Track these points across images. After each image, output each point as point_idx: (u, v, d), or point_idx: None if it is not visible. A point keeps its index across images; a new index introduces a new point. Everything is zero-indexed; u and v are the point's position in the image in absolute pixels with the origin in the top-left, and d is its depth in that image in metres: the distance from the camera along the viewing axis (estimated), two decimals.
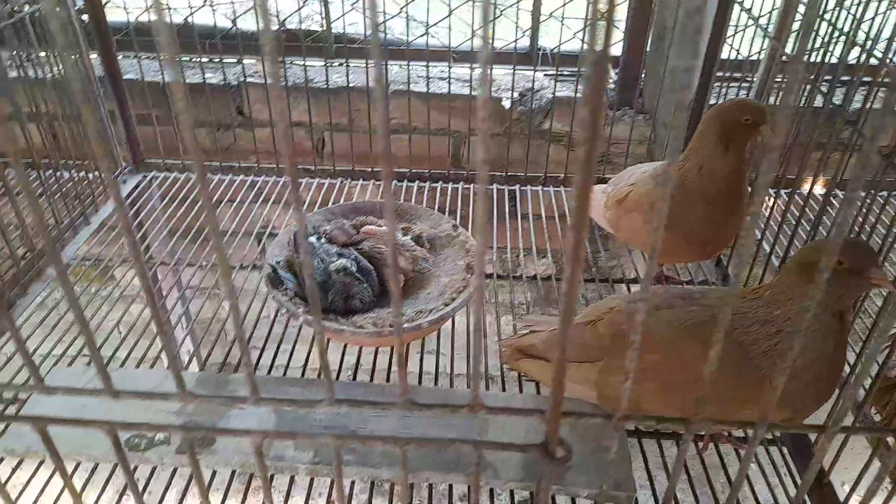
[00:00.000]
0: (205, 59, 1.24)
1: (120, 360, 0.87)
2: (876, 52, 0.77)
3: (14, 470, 0.68)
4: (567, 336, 0.30)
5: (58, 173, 1.01)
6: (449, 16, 1.08)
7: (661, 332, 0.67)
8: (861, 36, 0.77)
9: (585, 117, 0.22)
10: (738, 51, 1.09)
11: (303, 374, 0.85)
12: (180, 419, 0.69)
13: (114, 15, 1.13)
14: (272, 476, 0.71)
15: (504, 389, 0.88)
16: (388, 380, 0.88)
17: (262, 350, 0.91)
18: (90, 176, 1.09)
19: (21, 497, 0.64)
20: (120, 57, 1.14)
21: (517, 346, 0.78)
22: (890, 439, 0.68)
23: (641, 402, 0.67)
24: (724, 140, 0.78)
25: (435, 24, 1.12)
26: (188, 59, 1.24)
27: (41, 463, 0.70)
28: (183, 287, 1.11)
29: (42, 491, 0.70)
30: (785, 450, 0.75)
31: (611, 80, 1.24)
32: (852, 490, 0.62)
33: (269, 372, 0.90)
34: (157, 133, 1.19)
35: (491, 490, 0.72)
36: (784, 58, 0.87)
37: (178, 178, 1.21)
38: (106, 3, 1.07)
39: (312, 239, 0.90)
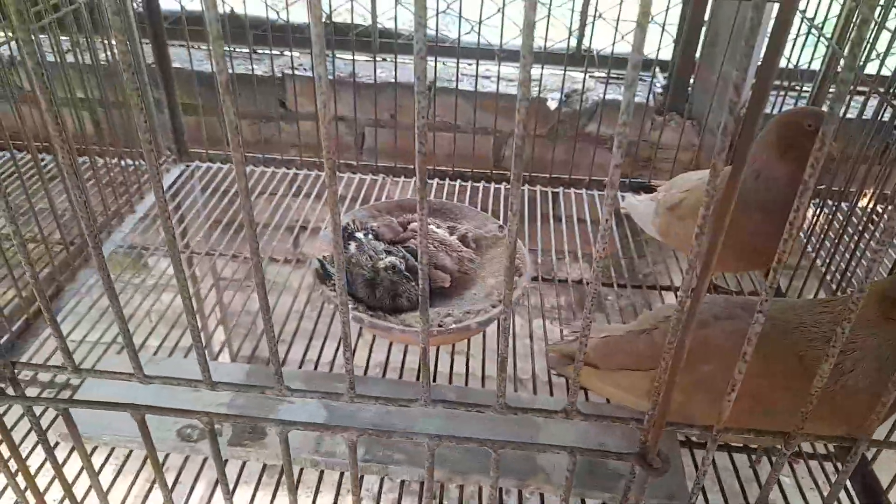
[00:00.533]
0: (247, 50, 1.24)
1: (167, 350, 0.87)
2: None
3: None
4: (683, 350, 0.29)
5: (107, 160, 1.01)
6: (501, 11, 1.07)
7: (720, 343, 0.66)
8: None
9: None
10: (788, 59, 1.07)
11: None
12: (233, 410, 0.70)
13: (167, 3, 1.14)
14: (301, 470, 0.70)
15: (535, 392, 0.87)
16: (417, 378, 0.87)
17: (291, 344, 0.90)
18: (137, 164, 1.09)
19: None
20: (170, 46, 1.14)
21: (565, 352, 0.77)
22: None
23: (696, 413, 0.66)
24: (783, 147, 0.76)
25: (482, 21, 1.11)
26: (229, 49, 1.24)
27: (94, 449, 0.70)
28: (218, 277, 1.12)
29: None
30: (839, 465, 0.73)
31: (658, 85, 1.23)
32: None
33: (301, 366, 0.89)
34: (201, 123, 1.19)
35: (520, 492, 0.70)
36: (842, 64, 0.86)
37: (222, 168, 1.21)
38: None
39: (360, 235, 0.90)
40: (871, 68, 0.86)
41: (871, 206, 0.89)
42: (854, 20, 0.88)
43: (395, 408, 0.63)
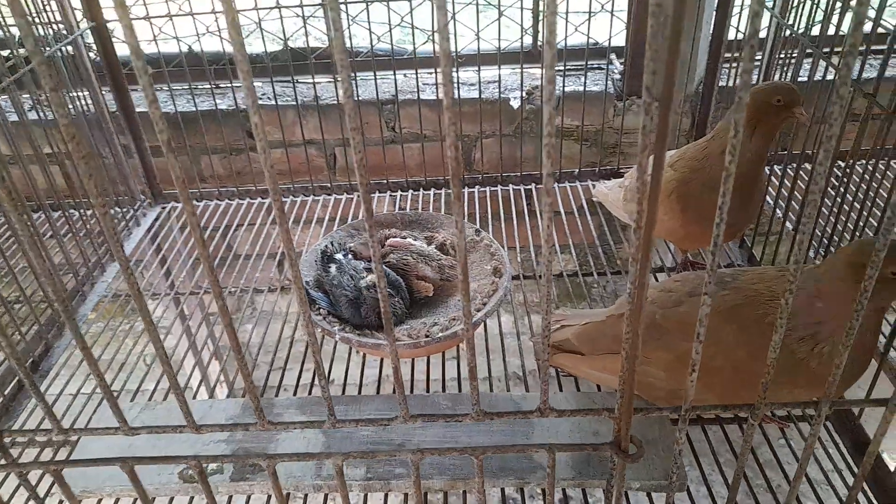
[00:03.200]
0: (209, 85, 1.25)
1: (163, 392, 0.88)
2: (884, 22, 0.77)
3: None
4: (637, 332, 0.30)
5: (81, 212, 1.02)
6: (452, 19, 1.09)
7: (695, 319, 0.67)
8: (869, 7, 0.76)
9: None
10: (737, 30, 1.09)
11: (343, 391, 0.86)
12: (230, 448, 0.70)
13: (123, 49, 1.15)
14: (305, 496, 0.71)
15: (527, 389, 0.89)
16: (412, 390, 0.88)
17: (284, 370, 0.91)
18: (112, 212, 1.10)
19: None
20: (132, 91, 1.15)
21: (550, 342, 0.79)
22: None
23: (678, 389, 0.68)
24: (752, 122, 0.77)
25: (437, 31, 1.13)
26: (186, 87, 1.25)
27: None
28: (207, 314, 1.13)
29: None
30: (829, 424, 0.75)
31: (616, 71, 1.24)
32: None
33: (295, 392, 0.90)
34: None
35: (521, 490, 0.72)
36: (788, 33, 0.87)
37: (198, 205, 1.22)
38: (114, 37, 1.08)
39: (339, 256, 0.91)
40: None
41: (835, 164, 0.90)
42: None
43: (430, 422, 0.64)
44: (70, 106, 1.01)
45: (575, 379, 0.83)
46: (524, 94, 1.22)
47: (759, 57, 1.10)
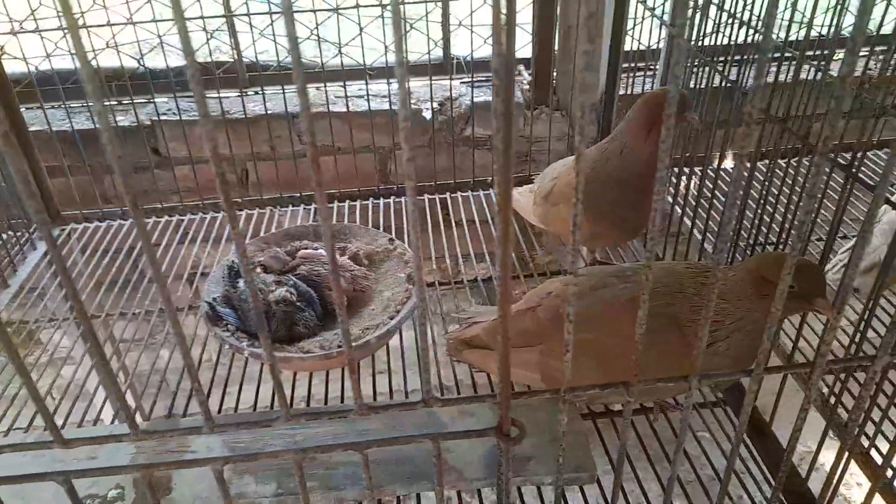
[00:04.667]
0: (114, 102, 1.20)
1: (73, 424, 0.83)
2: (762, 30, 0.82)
3: None
4: (507, 319, 0.31)
5: None
6: (360, 34, 1.09)
7: (597, 311, 0.69)
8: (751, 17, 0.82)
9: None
10: (640, 41, 1.14)
11: (254, 408, 0.83)
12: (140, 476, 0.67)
13: (12, 66, 1.09)
14: None
15: (475, 390, 0.89)
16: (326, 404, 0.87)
17: (208, 395, 0.88)
18: (3, 237, 1.04)
19: None
20: (23, 109, 1.10)
21: (461, 338, 0.79)
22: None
23: (584, 381, 0.69)
24: (647, 126, 0.81)
25: (346, 44, 1.13)
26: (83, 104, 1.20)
27: None
28: (116, 340, 1.07)
29: None
30: (730, 409, 0.79)
31: (524, 82, 1.28)
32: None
33: (219, 411, 0.87)
34: (71, 184, 1.14)
35: (458, 493, 0.72)
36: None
37: (100, 226, 1.16)
38: (1, 55, 1.03)
39: None
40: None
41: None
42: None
43: (322, 428, 0.62)
44: None
45: (488, 378, 0.84)
46: (436, 106, 1.23)
47: (657, 66, 1.16)
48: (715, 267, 0.33)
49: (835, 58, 0.69)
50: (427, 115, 1.22)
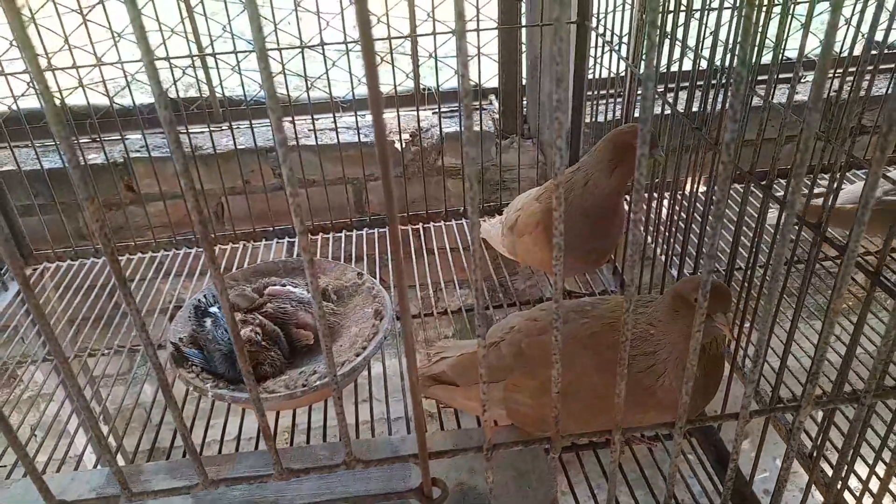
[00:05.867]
0: (85, 140, 1.21)
1: (55, 463, 0.83)
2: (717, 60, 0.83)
3: None
4: (414, 367, 0.31)
5: None
6: (329, 70, 1.10)
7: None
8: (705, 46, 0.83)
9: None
10: (607, 68, 1.15)
11: (220, 449, 0.83)
12: None
13: None
14: None
15: (442, 427, 0.89)
16: (292, 440, 0.86)
17: (191, 427, 0.88)
18: None
19: None
20: None
21: (428, 374, 0.79)
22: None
23: (546, 416, 0.69)
24: (615, 163, 0.81)
25: (318, 78, 1.14)
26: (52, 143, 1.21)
27: None
28: (96, 379, 1.07)
29: None
30: (695, 440, 0.79)
31: (494, 112, 1.29)
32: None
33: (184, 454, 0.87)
34: (42, 223, 1.14)
35: None
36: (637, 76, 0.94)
37: (72, 265, 1.16)
38: None
39: (214, 309, 0.88)
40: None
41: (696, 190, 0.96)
42: (642, 34, 0.96)
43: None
44: None
45: (456, 414, 0.84)
46: (408, 137, 1.24)
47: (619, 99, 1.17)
48: (627, 296, 0.33)
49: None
50: (398, 146, 1.22)
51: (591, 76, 1.08)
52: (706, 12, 0.79)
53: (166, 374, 0.72)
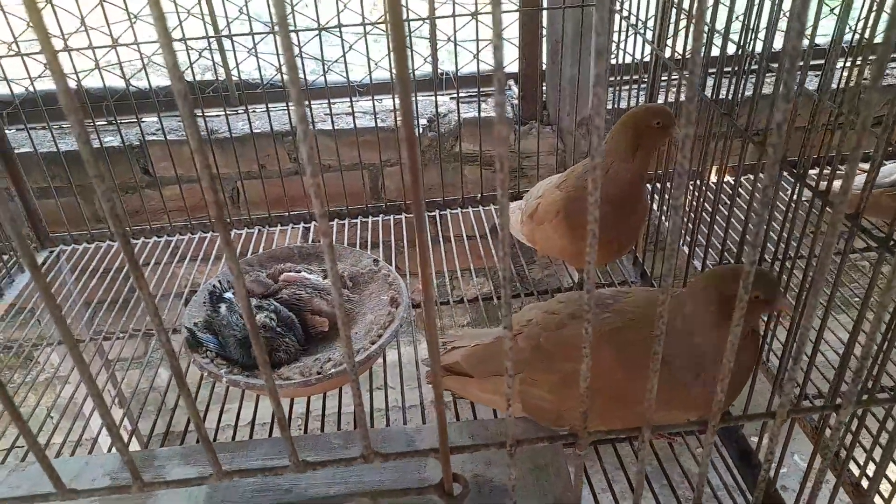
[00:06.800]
0: (102, 123, 1.20)
1: (70, 446, 0.84)
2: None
3: None
4: (437, 361, 0.30)
5: None
6: (346, 52, 1.09)
7: (577, 341, 0.67)
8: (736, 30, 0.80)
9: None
10: (630, 54, 1.12)
11: (234, 436, 0.82)
12: None
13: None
14: None
15: (457, 417, 0.87)
16: (306, 427, 0.86)
17: (205, 414, 0.87)
18: None
19: None
20: (12, 131, 1.10)
21: (440, 364, 0.78)
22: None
23: (565, 410, 0.68)
24: (634, 144, 0.79)
25: (335, 61, 1.12)
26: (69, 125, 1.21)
27: None
28: (111, 362, 1.07)
29: None
30: (717, 437, 0.77)
31: (513, 97, 1.27)
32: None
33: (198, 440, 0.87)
34: (58, 205, 1.14)
35: None
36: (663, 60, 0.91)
37: (88, 248, 1.16)
38: None
39: (229, 295, 0.88)
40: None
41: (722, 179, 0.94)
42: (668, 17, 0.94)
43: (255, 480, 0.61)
44: None
45: (472, 403, 0.82)
46: (426, 122, 1.22)
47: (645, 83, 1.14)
48: (665, 290, 0.32)
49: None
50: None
51: (613, 61, 1.05)
52: None
53: (180, 359, 0.72)
